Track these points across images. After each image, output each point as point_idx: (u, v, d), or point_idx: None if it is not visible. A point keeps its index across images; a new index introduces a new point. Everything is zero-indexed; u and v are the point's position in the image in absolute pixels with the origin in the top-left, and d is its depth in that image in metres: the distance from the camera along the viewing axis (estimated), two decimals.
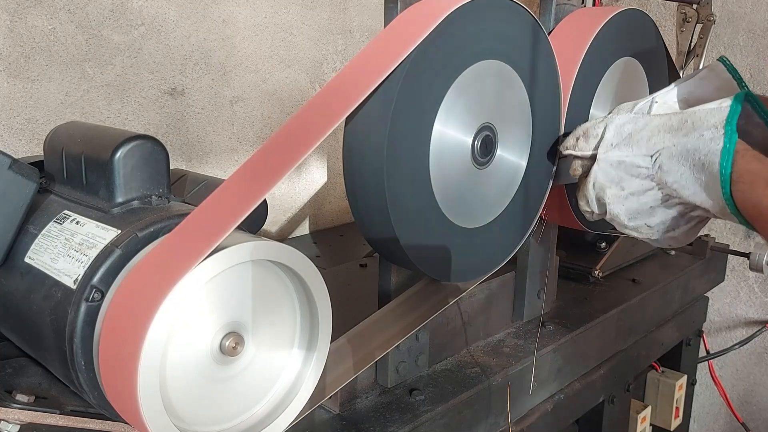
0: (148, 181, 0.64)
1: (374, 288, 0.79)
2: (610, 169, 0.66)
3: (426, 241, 0.71)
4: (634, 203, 0.65)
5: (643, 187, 0.64)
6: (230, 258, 0.52)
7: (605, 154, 0.66)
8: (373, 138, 0.64)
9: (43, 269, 0.61)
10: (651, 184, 0.64)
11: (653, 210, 0.65)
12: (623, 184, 0.65)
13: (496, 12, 0.71)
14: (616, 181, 0.66)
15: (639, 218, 0.66)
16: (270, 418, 0.60)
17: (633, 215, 0.66)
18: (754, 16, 1.54)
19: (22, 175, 0.63)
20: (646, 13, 0.94)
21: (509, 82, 0.75)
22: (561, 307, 1.03)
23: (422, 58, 0.64)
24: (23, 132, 1.02)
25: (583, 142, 0.69)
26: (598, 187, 0.67)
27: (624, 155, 0.65)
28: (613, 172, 0.66)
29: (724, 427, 1.75)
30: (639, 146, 0.64)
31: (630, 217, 0.67)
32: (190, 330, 0.53)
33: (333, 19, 1.45)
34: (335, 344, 0.67)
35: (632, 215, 0.66)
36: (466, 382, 0.80)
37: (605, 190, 0.67)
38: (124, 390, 0.50)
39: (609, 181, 0.66)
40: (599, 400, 1.07)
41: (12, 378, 0.68)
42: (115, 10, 1.09)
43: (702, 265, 1.31)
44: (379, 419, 0.71)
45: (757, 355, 1.67)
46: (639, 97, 0.97)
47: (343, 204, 1.56)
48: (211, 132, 1.27)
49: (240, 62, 1.29)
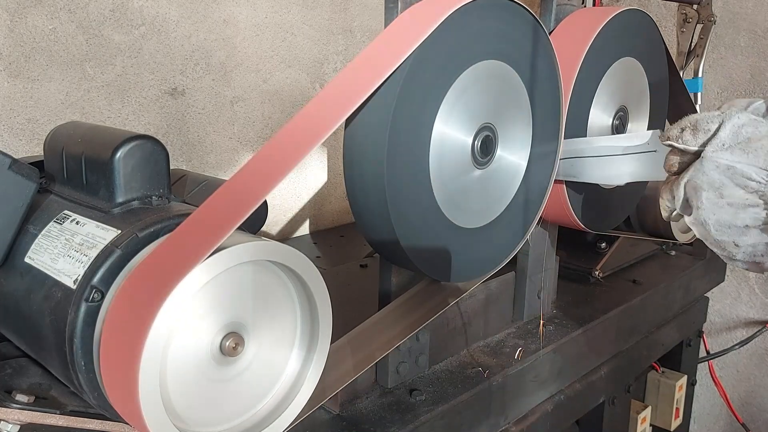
0: (148, 181, 0.64)
1: (375, 288, 0.79)
2: (714, 172, 0.59)
3: (426, 242, 0.71)
4: (729, 216, 0.59)
5: (747, 201, 0.58)
6: (231, 258, 0.52)
7: (714, 154, 0.59)
8: (373, 138, 0.64)
9: (43, 269, 0.61)
10: (757, 201, 0.57)
11: (748, 230, 0.59)
12: (724, 192, 0.59)
13: (496, 12, 0.71)
14: (716, 186, 0.59)
15: (728, 234, 0.60)
16: (270, 419, 0.60)
17: (723, 228, 0.60)
18: (756, 17, 1.54)
19: (22, 175, 0.63)
20: (646, 13, 0.94)
21: (509, 82, 0.75)
22: (561, 308, 1.03)
23: (423, 59, 0.64)
24: (23, 132, 1.02)
25: (689, 135, 0.61)
26: (691, 187, 0.61)
27: (736, 161, 0.58)
28: (717, 176, 0.59)
29: (724, 427, 1.75)
30: (757, 156, 0.57)
31: (718, 230, 0.60)
32: (191, 330, 0.53)
33: (334, 19, 1.45)
34: (335, 345, 0.67)
35: (722, 228, 0.60)
36: (466, 382, 0.80)
37: (700, 193, 0.60)
38: (125, 390, 0.50)
39: (708, 184, 0.59)
40: (599, 400, 1.07)
41: (12, 378, 0.68)
42: (115, 10, 1.09)
43: (702, 265, 1.31)
44: (380, 420, 0.71)
45: (757, 355, 1.67)
46: (639, 97, 0.98)
47: (344, 204, 1.56)
48: (211, 132, 1.27)
49: (241, 62, 1.29)
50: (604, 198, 0.95)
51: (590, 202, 0.93)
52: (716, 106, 1.63)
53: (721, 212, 0.59)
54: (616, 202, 0.99)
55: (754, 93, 1.56)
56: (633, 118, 0.97)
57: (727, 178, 0.59)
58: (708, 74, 1.60)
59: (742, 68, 1.57)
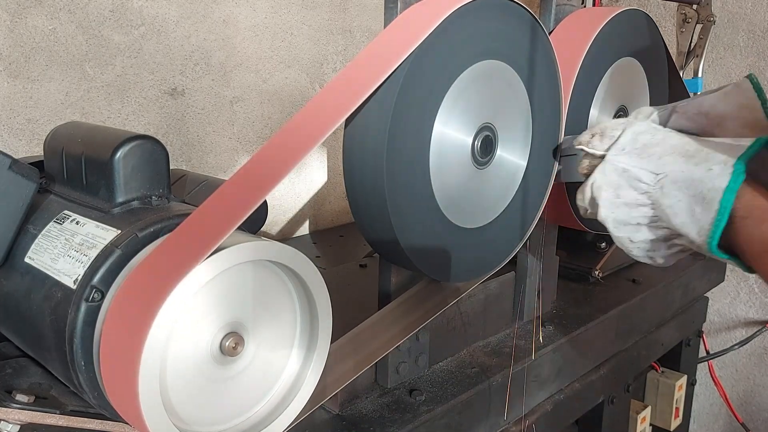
0: (148, 181, 0.64)
1: (374, 288, 0.79)
2: (612, 173, 0.65)
3: (426, 242, 0.71)
4: (624, 214, 0.65)
5: (638, 201, 0.64)
6: (230, 258, 0.52)
7: (614, 157, 0.65)
8: (373, 138, 0.64)
9: (43, 269, 0.61)
10: (646, 201, 0.63)
11: (639, 227, 0.65)
12: (620, 192, 0.64)
13: (496, 12, 0.71)
14: (614, 187, 0.65)
15: (624, 231, 0.66)
16: (270, 419, 0.60)
17: (619, 225, 0.66)
18: (755, 17, 1.54)
19: (22, 175, 0.63)
20: (646, 13, 0.94)
21: (509, 82, 0.75)
22: (561, 307, 1.03)
23: (422, 59, 0.64)
24: (23, 132, 1.02)
25: (597, 140, 0.67)
26: (596, 187, 0.66)
27: (631, 164, 0.64)
28: (615, 177, 0.65)
29: (723, 427, 1.75)
30: (649, 161, 0.63)
31: (616, 227, 0.66)
32: (191, 330, 0.53)
33: (333, 19, 1.45)
34: (335, 345, 0.67)
35: (619, 225, 0.66)
36: (466, 382, 0.80)
37: (601, 192, 0.66)
38: (125, 390, 0.50)
39: (607, 184, 0.65)
40: (599, 400, 1.07)
41: (12, 378, 0.68)
42: (115, 10, 1.09)
43: (702, 265, 1.31)
44: (380, 419, 0.71)
45: (757, 355, 1.67)
46: (639, 97, 0.98)
47: (344, 204, 1.56)
48: (211, 132, 1.27)
49: (240, 62, 1.29)
50: None
51: None
52: None
53: (618, 211, 0.65)
54: None
55: None
56: None
57: (623, 180, 0.64)
58: (707, 74, 1.60)
59: (741, 68, 1.58)
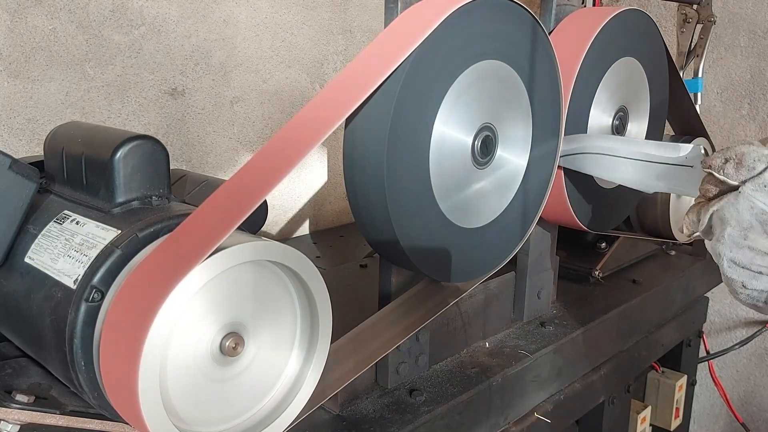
0: (148, 181, 0.64)
1: (374, 288, 0.79)
2: (746, 211, 0.57)
3: (426, 242, 0.71)
4: (746, 258, 0.58)
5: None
6: (230, 258, 0.52)
7: (753, 193, 0.57)
8: (373, 138, 0.64)
9: (43, 269, 0.61)
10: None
11: (760, 276, 0.58)
12: (749, 234, 0.57)
13: (496, 12, 0.71)
14: (744, 227, 0.57)
15: (739, 273, 0.59)
16: (270, 419, 0.60)
17: (735, 267, 0.59)
18: (756, 17, 1.54)
19: (22, 175, 0.63)
20: (646, 13, 0.94)
21: (509, 82, 0.75)
22: (561, 308, 1.03)
23: (423, 59, 0.64)
24: (23, 132, 1.02)
25: (732, 168, 0.59)
26: (718, 217, 0.59)
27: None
28: (748, 216, 0.57)
29: (724, 427, 1.75)
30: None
31: (731, 267, 0.59)
32: (191, 330, 0.53)
33: (334, 19, 1.45)
34: (335, 345, 0.67)
35: (734, 266, 0.59)
36: (466, 382, 0.80)
37: (726, 227, 0.58)
38: (125, 390, 0.50)
39: (736, 221, 0.58)
40: (599, 400, 1.07)
41: (12, 378, 0.68)
42: (115, 10, 1.09)
43: (702, 265, 1.31)
44: (380, 420, 0.71)
45: (757, 355, 1.67)
46: (639, 97, 0.98)
47: (344, 204, 1.56)
48: (211, 132, 1.27)
49: (240, 62, 1.29)
50: (604, 198, 0.95)
51: (590, 202, 0.93)
52: (716, 106, 1.62)
53: (740, 253, 0.58)
54: (616, 202, 0.99)
55: (754, 93, 1.56)
56: (633, 118, 0.97)
57: (758, 222, 0.57)
58: (708, 74, 1.60)
59: (741, 68, 1.58)
